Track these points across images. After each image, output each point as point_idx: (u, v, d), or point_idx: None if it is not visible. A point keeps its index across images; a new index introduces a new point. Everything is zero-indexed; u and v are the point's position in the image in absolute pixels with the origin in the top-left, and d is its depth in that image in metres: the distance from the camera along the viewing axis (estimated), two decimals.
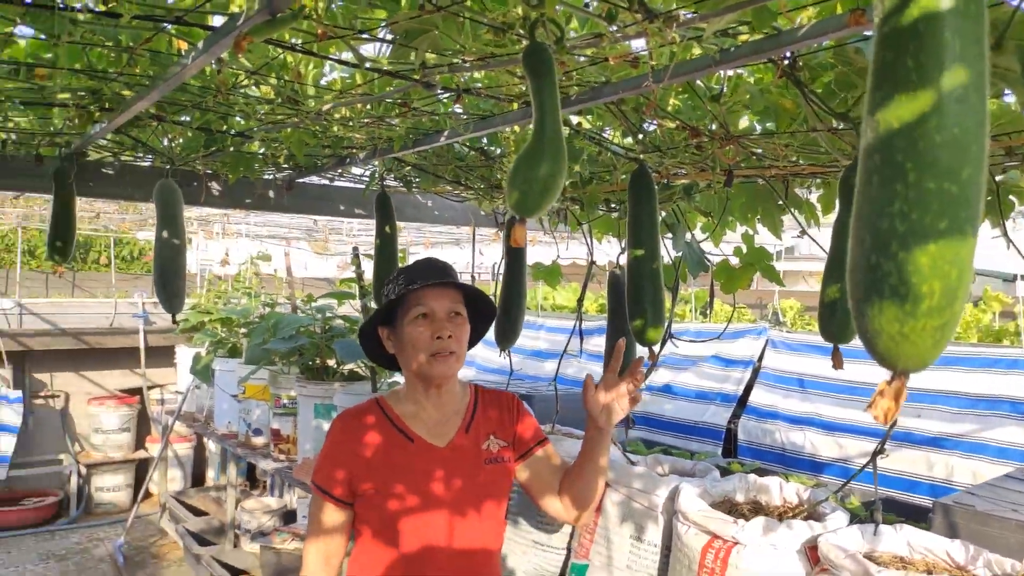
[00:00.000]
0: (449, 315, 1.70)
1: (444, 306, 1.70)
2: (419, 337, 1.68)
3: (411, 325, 1.69)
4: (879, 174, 0.53)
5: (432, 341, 1.67)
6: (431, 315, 1.69)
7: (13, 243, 11.62)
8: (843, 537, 1.96)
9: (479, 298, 1.81)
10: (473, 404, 1.83)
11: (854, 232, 0.56)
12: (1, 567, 5.48)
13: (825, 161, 1.67)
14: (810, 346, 4.45)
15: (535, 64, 1.03)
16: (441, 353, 1.68)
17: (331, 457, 1.71)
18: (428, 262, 1.78)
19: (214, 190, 2.59)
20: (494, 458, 1.78)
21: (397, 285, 1.73)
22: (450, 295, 1.72)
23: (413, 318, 1.69)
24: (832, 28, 1.01)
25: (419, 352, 1.68)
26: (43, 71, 1.58)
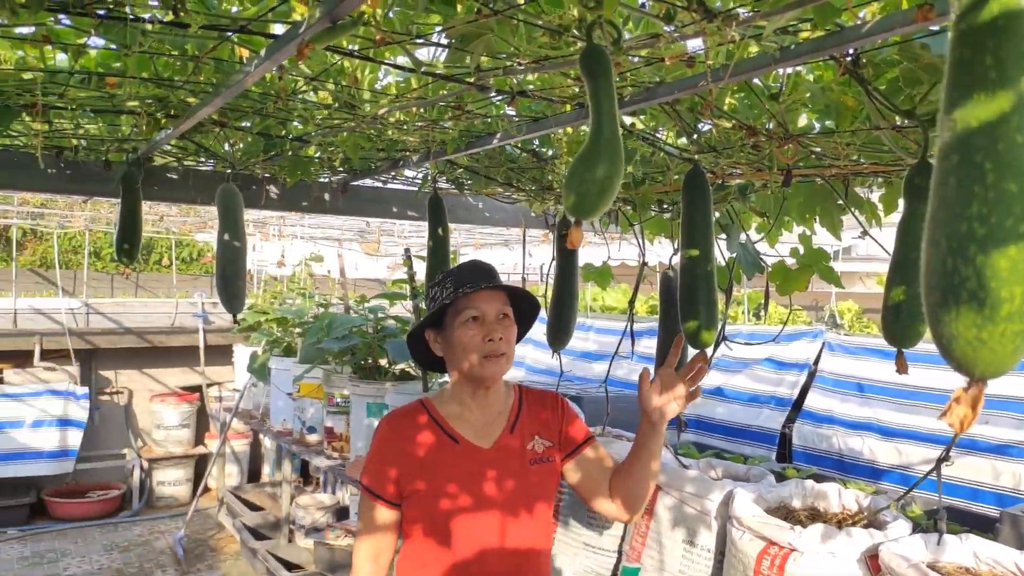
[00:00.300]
0: (498, 317, 1.73)
1: (494, 308, 1.72)
2: (470, 340, 1.70)
3: (462, 328, 1.71)
4: (956, 175, 0.51)
5: (484, 343, 1.69)
6: (482, 318, 1.71)
7: (80, 245, 12.10)
8: (906, 546, 1.90)
9: (524, 299, 1.83)
10: (518, 405, 1.84)
11: (929, 235, 0.55)
12: (69, 557, 5.70)
13: (888, 160, 1.62)
14: (869, 349, 4.33)
15: (592, 66, 1.03)
16: (493, 355, 1.70)
17: (379, 457, 1.73)
18: (474, 265, 1.80)
19: (272, 193, 2.65)
20: (540, 458, 1.79)
21: (445, 288, 1.75)
22: (499, 297, 1.74)
23: (464, 321, 1.70)
24: (898, 24, 0.99)
25: (470, 354, 1.70)
26: (113, 80, 1.64)
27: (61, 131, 2.14)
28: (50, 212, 6.95)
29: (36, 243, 13.48)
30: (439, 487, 1.68)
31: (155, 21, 1.18)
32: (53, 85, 1.68)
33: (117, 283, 9.91)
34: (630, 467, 1.81)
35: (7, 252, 13.22)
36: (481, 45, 1.28)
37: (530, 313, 1.89)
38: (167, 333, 7.33)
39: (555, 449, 1.83)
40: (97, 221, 6.93)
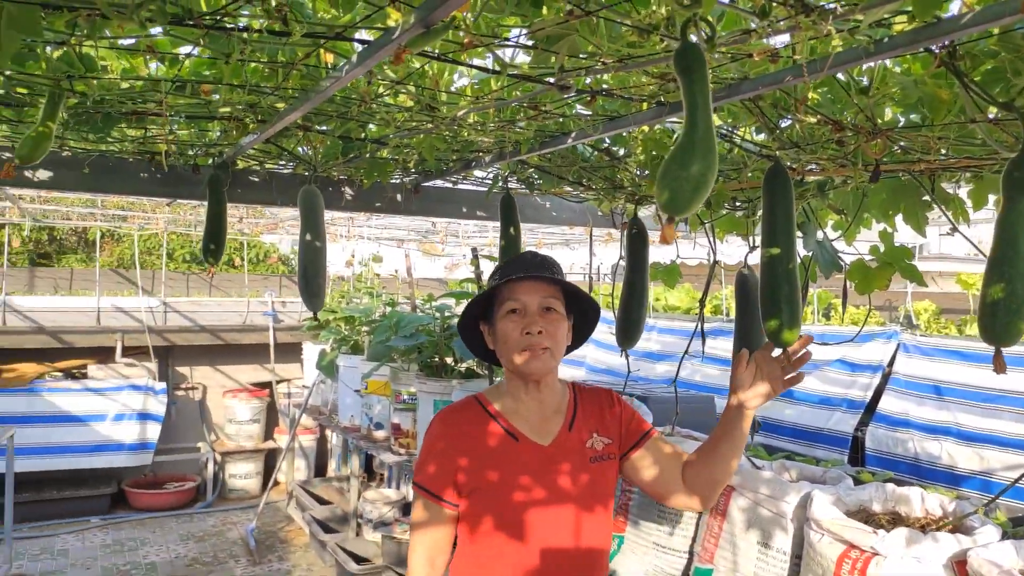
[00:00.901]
0: (541, 309, 1.66)
1: (535, 300, 1.66)
2: (510, 332, 1.65)
3: (503, 320, 1.66)
4: None
5: (522, 336, 1.64)
6: (522, 309, 1.65)
7: (155, 246, 12.59)
8: (996, 552, 1.84)
9: (580, 297, 1.75)
10: (574, 401, 1.78)
11: None
12: (148, 545, 5.96)
13: (980, 154, 1.58)
14: (947, 351, 4.18)
15: (688, 64, 1.03)
16: (532, 349, 1.64)
17: (434, 456, 1.67)
18: (526, 255, 1.75)
19: (348, 194, 2.73)
20: (599, 456, 1.73)
21: (493, 279, 1.73)
22: (543, 289, 1.67)
23: (505, 313, 1.66)
24: (1004, 14, 0.96)
25: (510, 348, 1.65)
26: (208, 87, 1.72)
27: (154, 137, 2.25)
28: (132, 214, 7.27)
29: (113, 245, 14.08)
30: (500, 485, 1.63)
31: (259, 31, 1.24)
32: (151, 93, 1.77)
33: (192, 283, 10.30)
34: (712, 452, 1.73)
35: (86, 253, 13.85)
36: (566, 45, 1.30)
37: (592, 314, 1.82)
38: (239, 331, 7.58)
39: (614, 446, 1.77)
40: (176, 223, 7.22)
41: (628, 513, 2.87)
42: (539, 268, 1.69)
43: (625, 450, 1.79)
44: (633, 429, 1.81)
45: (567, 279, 1.77)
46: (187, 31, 1.30)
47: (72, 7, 1.10)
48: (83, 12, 1.09)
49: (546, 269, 1.70)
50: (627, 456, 1.79)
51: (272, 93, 1.66)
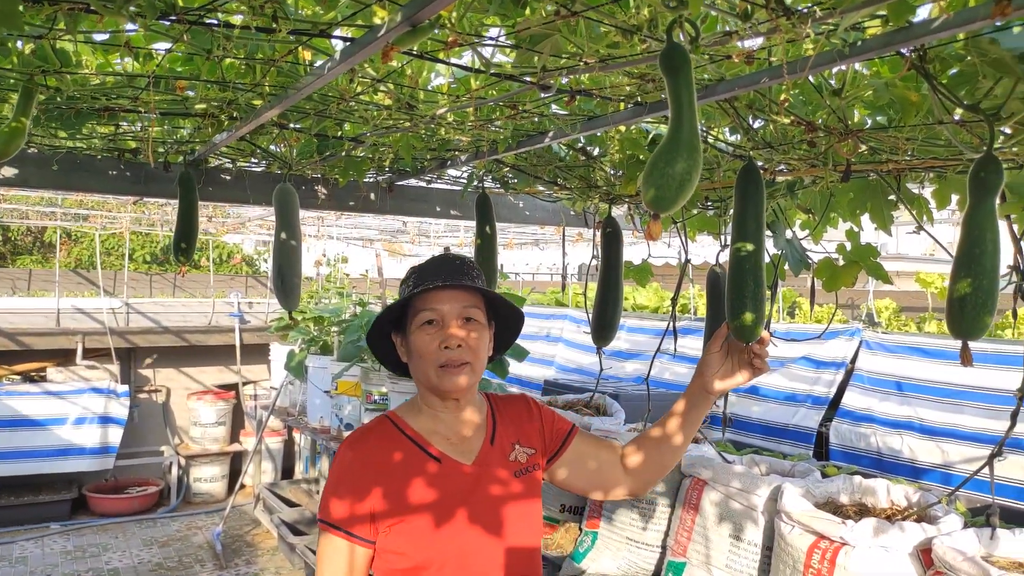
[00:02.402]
0: (461, 320, 1.51)
1: (455, 310, 1.51)
2: (426, 346, 1.50)
3: (418, 332, 1.51)
4: None
5: (440, 351, 1.49)
6: (439, 320, 1.51)
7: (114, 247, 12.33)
8: (959, 540, 1.91)
9: (499, 303, 1.61)
10: (491, 414, 1.65)
11: None
12: (110, 551, 5.83)
13: (945, 155, 1.63)
14: (909, 348, 4.31)
15: (673, 64, 1.06)
16: (450, 365, 1.49)
17: (344, 487, 1.48)
18: (442, 259, 1.59)
19: (321, 193, 2.71)
20: (524, 468, 1.61)
21: (407, 286, 1.56)
22: (463, 297, 1.52)
23: (420, 324, 1.51)
24: (976, 18, 1.01)
25: (427, 363, 1.50)
26: (183, 83, 1.70)
27: (123, 133, 2.21)
28: (94, 213, 7.12)
29: (71, 245, 13.76)
30: (423, 514, 1.47)
31: (245, 27, 1.23)
32: (125, 89, 1.75)
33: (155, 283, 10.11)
34: (665, 436, 1.64)
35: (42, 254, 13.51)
36: (549, 45, 1.32)
37: (515, 320, 1.67)
38: (204, 332, 7.47)
39: (538, 456, 1.66)
40: (140, 222, 7.09)
41: (602, 510, 2.90)
42: (458, 274, 1.54)
43: (551, 455, 1.68)
44: (556, 432, 1.70)
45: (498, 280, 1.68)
46: (168, 26, 1.28)
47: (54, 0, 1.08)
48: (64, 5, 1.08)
49: (465, 275, 1.55)
50: (554, 460, 1.69)
51: (250, 90, 1.65)
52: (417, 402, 1.61)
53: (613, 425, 3.19)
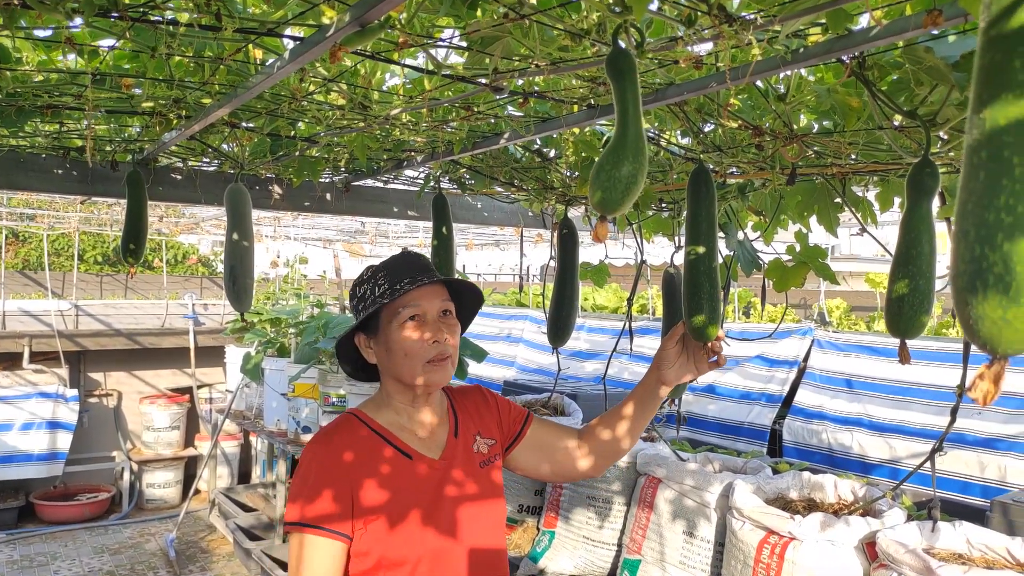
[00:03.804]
0: (441, 315, 1.55)
1: (436, 306, 1.55)
2: (412, 343, 1.51)
3: (402, 329, 1.51)
4: (985, 169, 0.56)
5: (428, 346, 1.51)
6: (423, 317, 1.52)
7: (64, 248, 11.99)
8: (902, 533, 1.97)
9: (467, 289, 1.65)
10: (451, 407, 1.68)
11: (958, 225, 0.60)
12: (59, 560, 5.67)
13: (886, 159, 1.68)
14: (858, 346, 4.42)
15: (619, 68, 1.07)
16: (439, 359, 1.52)
17: (320, 484, 1.45)
18: (407, 257, 1.61)
19: (276, 193, 2.68)
20: (487, 459, 1.64)
21: (378, 286, 1.55)
22: (440, 292, 1.57)
23: (403, 322, 1.51)
24: (908, 27, 1.04)
25: (413, 359, 1.51)
26: (129, 81, 1.66)
27: (68, 131, 2.16)
28: (41, 213, 6.91)
29: (18, 245, 13.34)
30: (399, 510, 1.47)
31: (189, 24, 1.21)
32: (69, 86, 1.70)
33: (106, 284, 9.85)
34: (619, 424, 1.68)
35: None
36: (500, 47, 1.32)
37: (472, 305, 1.71)
38: (157, 335, 7.30)
39: (498, 446, 1.69)
40: (89, 222, 6.90)
41: (559, 508, 2.91)
42: (429, 270, 1.58)
43: (509, 443, 1.72)
44: (512, 420, 1.74)
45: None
46: (111, 23, 1.26)
47: None
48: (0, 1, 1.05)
49: (433, 270, 1.59)
50: (512, 447, 1.72)
51: (198, 88, 1.62)
52: (382, 399, 1.61)
53: (570, 425, 3.21)
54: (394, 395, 1.59)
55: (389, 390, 1.60)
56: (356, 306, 1.60)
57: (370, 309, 1.53)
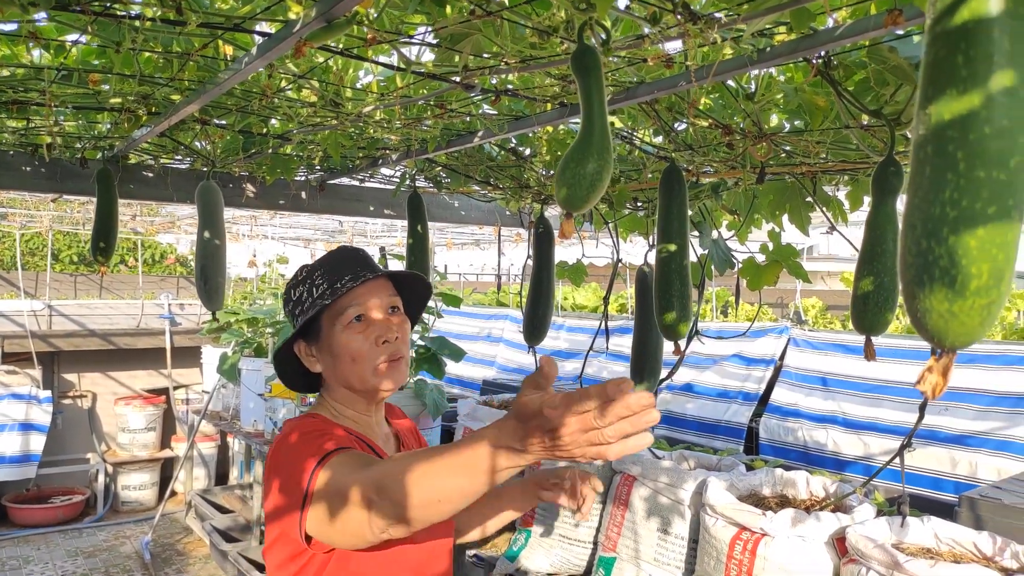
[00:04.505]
0: (388, 312, 1.43)
1: (382, 302, 1.42)
2: (360, 345, 1.38)
3: (347, 331, 1.39)
4: (931, 164, 0.57)
5: (379, 347, 1.39)
6: (368, 316, 1.41)
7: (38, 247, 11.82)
8: (871, 528, 1.99)
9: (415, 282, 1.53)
10: (387, 419, 1.60)
11: (906, 219, 0.60)
12: (32, 564, 5.59)
13: (855, 157, 1.70)
14: (833, 344, 4.46)
15: (584, 65, 1.07)
16: (392, 359, 1.41)
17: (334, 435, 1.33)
18: (345, 253, 1.48)
19: (249, 191, 2.66)
20: None
21: (316, 286, 1.41)
22: (385, 288, 1.44)
23: (348, 323, 1.39)
24: (869, 28, 1.05)
25: (363, 363, 1.39)
26: (96, 77, 1.64)
27: (37, 128, 2.13)
28: (12, 211, 6.81)
29: None
30: None
31: (152, 19, 1.20)
32: (35, 82, 1.68)
33: (80, 284, 9.71)
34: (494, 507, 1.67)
35: None
36: (469, 45, 1.32)
37: (420, 297, 1.59)
38: (132, 335, 7.21)
39: None
40: (63, 221, 6.80)
41: (536, 508, 2.92)
42: (371, 265, 1.46)
43: None
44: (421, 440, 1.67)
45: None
46: (74, 17, 1.24)
47: None
48: None
49: (375, 264, 1.47)
50: None
51: (167, 84, 1.61)
52: (333, 409, 1.46)
53: None
54: (346, 404, 1.45)
55: (339, 399, 1.45)
56: (292, 311, 1.45)
57: (309, 313, 1.39)
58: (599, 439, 0.89)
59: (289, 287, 1.48)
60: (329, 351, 1.41)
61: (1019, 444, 3.56)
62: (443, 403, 3.31)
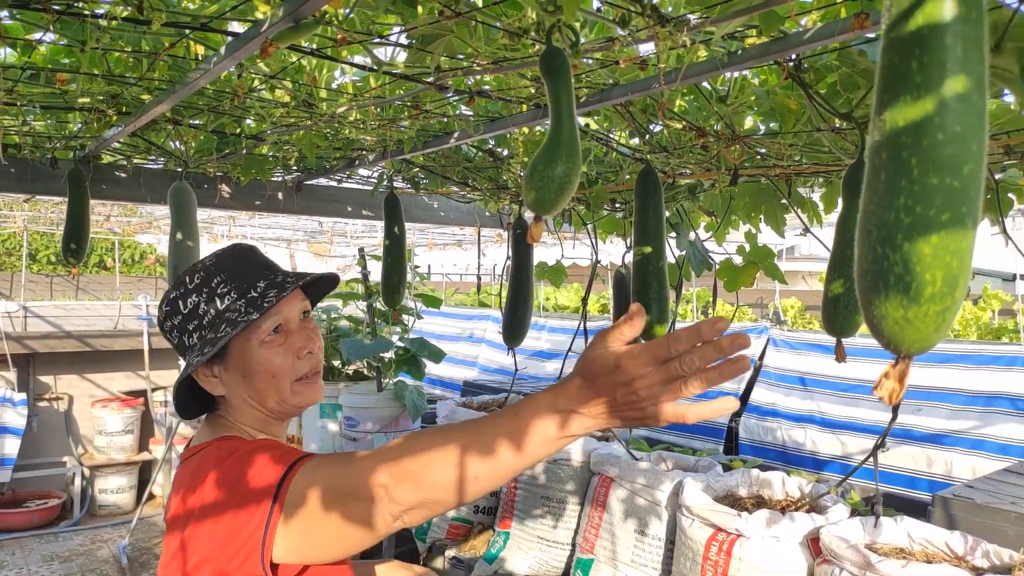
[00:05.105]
0: (303, 320, 1.29)
1: (296, 309, 1.28)
2: (282, 360, 1.23)
3: (266, 347, 1.23)
4: (885, 170, 0.57)
5: (301, 359, 1.25)
6: (286, 326, 1.26)
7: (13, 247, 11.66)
8: (845, 529, 2.00)
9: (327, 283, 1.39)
10: None
11: (861, 225, 0.60)
12: (6, 569, 5.51)
13: (828, 160, 1.71)
14: (812, 344, 4.50)
15: (552, 67, 1.07)
16: (312, 373, 1.28)
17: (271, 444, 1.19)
18: (243, 253, 1.30)
19: (224, 192, 2.63)
20: None
21: (219, 296, 1.22)
22: (296, 292, 1.29)
23: (265, 337, 1.23)
24: (837, 31, 1.06)
25: (282, 380, 1.24)
26: (64, 76, 1.62)
27: (5, 128, 2.09)
28: None
29: None
30: None
31: (115, 18, 1.18)
32: (1, 81, 1.65)
33: (56, 285, 9.59)
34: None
35: None
36: (441, 46, 1.31)
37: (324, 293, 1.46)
38: (110, 336, 7.13)
39: None
40: (37, 221, 6.71)
41: (514, 509, 2.91)
42: (277, 267, 1.32)
43: None
44: None
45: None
46: (37, 16, 1.22)
47: None
48: None
49: (279, 266, 1.32)
50: None
51: (136, 84, 1.58)
52: (245, 431, 1.27)
53: None
54: (257, 427, 1.28)
55: (246, 422, 1.27)
56: (183, 326, 1.24)
57: (231, 332, 1.18)
58: (681, 391, 0.81)
59: (175, 298, 1.25)
60: (241, 369, 1.23)
61: (993, 443, 3.61)
62: (423, 404, 3.30)
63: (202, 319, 1.22)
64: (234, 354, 1.23)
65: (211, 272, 1.25)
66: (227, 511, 1.09)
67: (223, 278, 1.24)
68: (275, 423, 1.30)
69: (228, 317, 1.21)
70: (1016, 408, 3.62)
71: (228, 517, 1.08)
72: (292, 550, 1.07)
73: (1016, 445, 3.54)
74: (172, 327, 1.26)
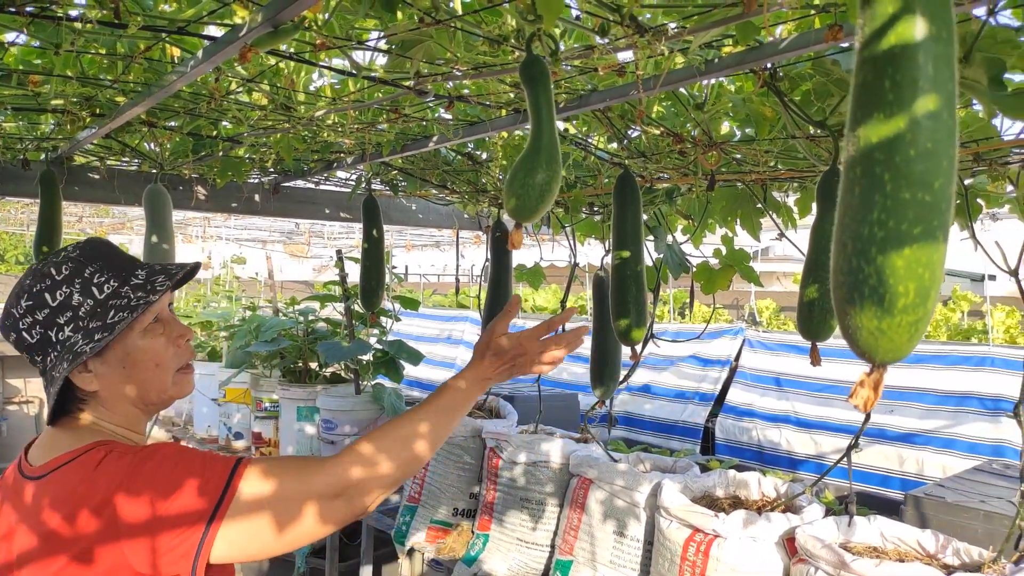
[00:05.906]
0: (172, 310, 1.30)
1: (166, 299, 1.27)
2: (164, 348, 1.22)
3: (148, 336, 1.21)
4: (860, 185, 0.58)
5: (181, 347, 1.26)
6: (163, 315, 1.25)
7: None
8: (819, 528, 2.03)
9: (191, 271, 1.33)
10: None
11: (837, 237, 0.62)
12: None
13: (803, 166, 1.74)
14: (787, 345, 4.55)
15: (532, 75, 1.08)
16: (187, 363, 1.29)
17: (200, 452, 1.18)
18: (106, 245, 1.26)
19: (200, 194, 2.60)
20: None
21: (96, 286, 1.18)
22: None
23: (147, 326, 1.21)
24: (811, 42, 1.07)
25: (165, 370, 1.22)
26: (37, 78, 1.59)
27: None
28: None
29: None
30: None
31: (90, 21, 1.16)
32: None
33: None
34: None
35: None
36: (421, 52, 1.32)
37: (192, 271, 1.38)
38: None
39: None
40: (7, 222, 6.59)
41: (493, 511, 2.91)
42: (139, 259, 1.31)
43: None
44: None
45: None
46: (9, 19, 1.20)
47: None
48: None
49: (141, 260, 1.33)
50: None
51: (111, 86, 1.56)
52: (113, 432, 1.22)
53: (505, 427, 3.21)
54: (129, 427, 1.23)
55: (119, 421, 1.22)
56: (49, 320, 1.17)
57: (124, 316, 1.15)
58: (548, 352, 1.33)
59: (40, 291, 1.17)
60: (122, 361, 1.19)
61: (963, 442, 3.68)
62: (401, 407, 3.29)
63: (77, 310, 1.16)
64: (114, 345, 1.18)
65: (80, 263, 1.19)
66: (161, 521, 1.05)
67: (97, 267, 1.19)
68: (142, 422, 1.26)
69: (115, 304, 1.17)
70: (985, 408, 3.70)
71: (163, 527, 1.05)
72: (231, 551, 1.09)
73: (985, 444, 3.61)
74: (33, 323, 1.18)
